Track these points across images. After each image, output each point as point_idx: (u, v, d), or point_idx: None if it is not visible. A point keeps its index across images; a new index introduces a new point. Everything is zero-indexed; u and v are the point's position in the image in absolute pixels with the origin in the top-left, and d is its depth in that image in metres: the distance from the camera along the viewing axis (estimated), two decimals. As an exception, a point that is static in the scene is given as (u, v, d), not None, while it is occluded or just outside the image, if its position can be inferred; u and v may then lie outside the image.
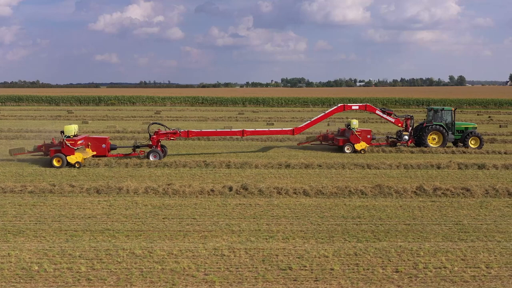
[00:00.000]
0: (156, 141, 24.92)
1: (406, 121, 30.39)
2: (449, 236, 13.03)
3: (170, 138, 25.58)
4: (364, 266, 10.80)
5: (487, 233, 13.36)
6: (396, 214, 15.24)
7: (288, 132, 28.92)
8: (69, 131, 23.10)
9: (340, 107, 30.38)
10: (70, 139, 22.67)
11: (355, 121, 28.94)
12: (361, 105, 30.90)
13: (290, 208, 15.79)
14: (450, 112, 30.55)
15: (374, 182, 19.27)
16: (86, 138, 24.14)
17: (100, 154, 24.21)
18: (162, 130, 25.88)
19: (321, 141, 30.01)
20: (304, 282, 9.96)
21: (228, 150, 29.32)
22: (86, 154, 23.26)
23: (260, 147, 30.45)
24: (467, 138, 29.85)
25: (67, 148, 22.32)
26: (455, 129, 30.17)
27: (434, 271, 10.52)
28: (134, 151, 25.01)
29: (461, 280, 10.11)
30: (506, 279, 10.19)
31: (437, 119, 30.15)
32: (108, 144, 24.51)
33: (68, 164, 22.20)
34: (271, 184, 18.46)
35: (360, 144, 27.91)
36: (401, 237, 12.88)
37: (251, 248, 11.81)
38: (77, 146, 22.75)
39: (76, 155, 22.31)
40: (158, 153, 24.39)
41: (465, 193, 17.84)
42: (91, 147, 23.96)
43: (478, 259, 11.25)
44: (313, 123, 29.74)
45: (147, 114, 58.93)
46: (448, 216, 15.05)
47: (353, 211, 15.51)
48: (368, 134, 28.68)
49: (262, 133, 30.02)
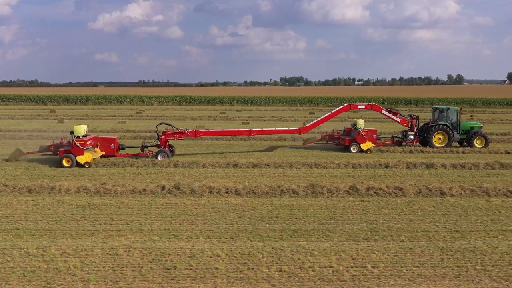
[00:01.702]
0: (164, 141, 25.08)
1: (411, 120, 30.53)
2: (354, 235, 13.08)
3: (178, 138, 25.80)
4: (250, 265, 10.85)
5: (395, 232, 13.40)
6: (316, 213, 15.27)
7: (295, 132, 29.07)
8: (78, 131, 23.19)
9: (346, 107, 30.63)
10: (80, 139, 22.83)
11: (361, 120, 29.05)
12: (367, 105, 31.11)
13: (214, 207, 15.84)
14: (456, 112, 30.62)
15: (312, 182, 19.28)
16: (95, 138, 24.30)
17: (109, 154, 24.35)
18: (170, 130, 25.99)
19: (327, 140, 30.17)
20: (180, 281, 10.03)
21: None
22: (95, 154, 23.44)
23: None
24: (473, 138, 29.87)
25: (77, 148, 22.52)
26: (461, 128, 30.21)
27: (317, 271, 10.57)
28: (143, 151, 25.17)
29: (339, 279, 10.16)
30: (385, 279, 10.23)
31: (443, 118, 30.24)
32: (117, 144, 24.68)
33: (78, 164, 22.31)
34: (206, 184, 18.51)
35: (366, 144, 27.98)
36: (306, 237, 12.93)
37: (147, 248, 11.87)
38: (87, 146, 22.93)
39: (85, 155, 22.49)
40: (167, 153, 24.54)
41: (398, 193, 17.88)
42: (100, 147, 24.11)
43: (368, 259, 11.28)
44: (319, 122, 29.92)
45: (128, 114, 59.04)
46: (367, 215, 15.09)
47: (275, 210, 15.56)
48: (374, 133, 28.84)
49: (268, 132, 29.98)
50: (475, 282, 10.15)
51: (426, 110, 65.60)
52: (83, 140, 22.93)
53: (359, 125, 28.61)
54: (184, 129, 26.57)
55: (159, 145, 25.14)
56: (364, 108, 31.55)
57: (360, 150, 27.96)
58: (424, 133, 30.05)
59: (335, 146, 29.80)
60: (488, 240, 12.87)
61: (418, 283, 10.09)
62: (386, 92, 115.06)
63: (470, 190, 18.11)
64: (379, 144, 29.79)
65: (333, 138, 29.91)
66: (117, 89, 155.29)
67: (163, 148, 24.88)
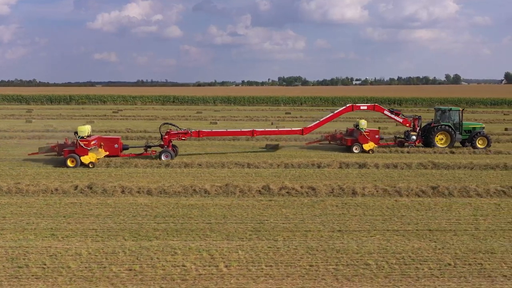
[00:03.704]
0: (168, 141, 25.27)
1: (414, 121, 30.56)
2: (232, 235, 13.15)
3: (181, 138, 26.03)
4: (104, 264, 10.95)
5: (278, 232, 13.46)
6: (212, 213, 15.34)
7: (297, 132, 29.18)
8: (82, 131, 23.35)
9: (348, 107, 30.67)
10: (84, 140, 22.97)
11: (364, 121, 29.06)
12: (370, 105, 31.25)
13: (116, 207, 15.93)
14: (458, 112, 30.66)
15: (230, 182, 19.31)
16: (99, 138, 24.46)
17: (113, 154, 24.50)
18: (174, 130, 26.19)
19: (330, 141, 30.34)
20: (22, 279, 10.15)
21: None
22: (99, 154, 23.59)
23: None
24: (475, 138, 29.88)
25: (81, 148, 22.67)
26: (463, 129, 30.25)
27: (167, 270, 10.65)
28: (146, 151, 25.35)
29: (181, 278, 10.27)
30: (228, 278, 10.31)
31: (445, 119, 30.31)
32: (121, 144, 24.83)
33: (82, 164, 22.48)
34: (122, 184, 18.59)
35: (369, 144, 28.05)
36: (183, 236, 13.02)
37: (13, 247, 11.99)
38: (91, 146, 23.07)
39: (89, 155, 22.65)
40: (170, 153, 24.72)
41: (310, 192, 17.95)
42: (104, 147, 24.25)
43: (226, 258, 11.36)
44: (322, 123, 29.86)
45: (103, 113, 59.22)
46: (261, 215, 15.14)
47: (174, 210, 15.66)
48: (376, 134, 28.97)
49: (271, 133, 30.10)
50: (317, 281, 10.23)
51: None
52: (87, 140, 23.06)
53: (362, 125, 28.61)
54: (187, 129, 26.72)
55: (162, 145, 25.36)
56: (366, 108, 31.71)
57: (362, 150, 28.03)
58: (427, 133, 30.10)
59: (338, 146, 29.91)
60: (364, 239, 12.93)
61: (259, 282, 10.18)
62: (382, 92, 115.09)
63: (383, 190, 18.16)
64: (381, 145, 29.84)
65: (335, 138, 30.10)
66: (113, 89, 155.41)
67: (167, 148, 25.08)
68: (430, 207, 16.40)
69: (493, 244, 12.67)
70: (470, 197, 17.72)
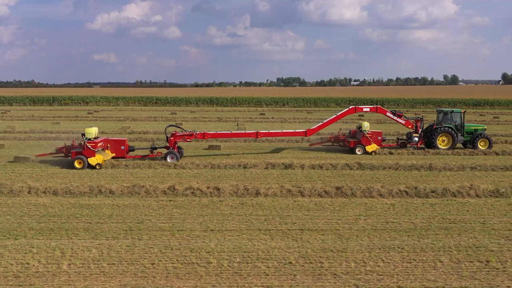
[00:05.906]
0: (173, 143, 25.61)
1: (416, 123, 30.81)
2: (99, 235, 13.43)
3: (187, 139, 26.39)
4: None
5: (149, 232, 13.72)
6: (100, 213, 15.60)
7: (301, 134, 29.45)
8: (89, 133, 23.64)
9: (351, 109, 30.94)
10: (91, 141, 23.27)
11: (367, 123, 29.25)
12: (372, 107, 31.62)
13: (9, 207, 16.19)
14: (460, 114, 30.88)
15: (138, 182, 19.54)
16: (105, 140, 24.76)
17: (119, 156, 24.77)
18: (179, 132, 26.54)
19: (332, 142, 30.62)
20: None
21: None
22: (106, 155, 23.91)
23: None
24: (476, 140, 30.11)
25: (88, 150, 23.00)
26: (465, 130, 30.48)
27: (8, 267, 10.95)
28: (152, 153, 25.71)
29: (26, 275, 10.58)
30: (65, 275, 10.58)
31: (447, 121, 30.54)
32: (127, 146, 25.13)
33: (89, 166, 22.81)
34: (30, 184, 18.85)
35: (371, 146, 28.30)
36: (52, 236, 13.29)
37: None
38: (98, 148, 23.40)
39: (96, 157, 22.99)
40: (175, 155, 25.02)
41: (214, 192, 18.21)
42: (111, 149, 24.56)
43: (76, 257, 11.64)
44: (325, 124, 30.01)
45: (75, 114, 59.67)
46: (148, 215, 15.39)
47: (66, 210, 15.91)
48: (378, 135, 29.21)
49: (275, 134, 30.36)
50: (147, 279, 10.48)
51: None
52: (94, 142, 23.35)
53: (364, 127, 28.76)
54: (192, 131, 27.09)
55: (168, 146, 25.68)
56: (369, 110, 31.99)
57: (365, 152, 28.22)
58: (429, 135, 30.29)
59: (340, 147, 30.14)
60: (228, 239, 13.16)
61: (89, 279, 10.43)
62: (381, 93, 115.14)
63: (287, 191, 18.40)
64: (384, 146, 30.02)
65: (338, 140, 30.36)
66: (111, 89, 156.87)
67: (172, 150, 25.39)
68: (323, 207, 16.62)
69: (351, 243, 12.87)
70: (372, 198, 17.96)
